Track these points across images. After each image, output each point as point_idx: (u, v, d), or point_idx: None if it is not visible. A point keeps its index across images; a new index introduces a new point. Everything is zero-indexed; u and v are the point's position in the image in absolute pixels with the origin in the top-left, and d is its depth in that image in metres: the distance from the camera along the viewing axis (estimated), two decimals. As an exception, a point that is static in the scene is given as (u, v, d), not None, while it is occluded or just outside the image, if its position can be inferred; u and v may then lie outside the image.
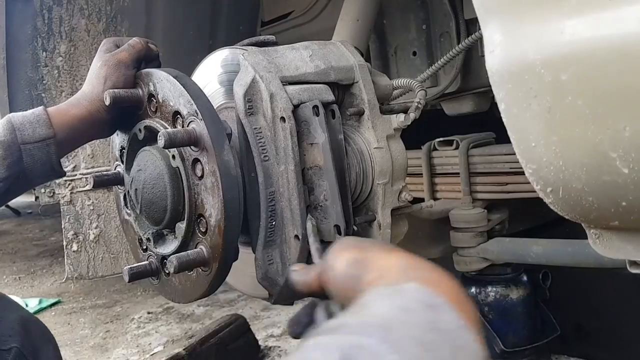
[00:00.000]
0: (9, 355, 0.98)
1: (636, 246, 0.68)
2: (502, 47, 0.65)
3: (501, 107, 0.68)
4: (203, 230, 0.96)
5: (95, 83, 1.03)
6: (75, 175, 1.81)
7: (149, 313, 3.01)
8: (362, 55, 1.42)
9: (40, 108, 1.02)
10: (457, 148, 1.69)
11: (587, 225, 0.74)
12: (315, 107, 0.98)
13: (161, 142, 0.89)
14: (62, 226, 1.83)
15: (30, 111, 1.02)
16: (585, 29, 0.59)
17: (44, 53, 1.75)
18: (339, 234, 0.96)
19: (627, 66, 0.56)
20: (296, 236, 0.97)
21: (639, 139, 0.58)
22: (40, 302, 3.32)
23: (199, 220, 0.96)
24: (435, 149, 1.77)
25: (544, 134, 0.65)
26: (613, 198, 0.64)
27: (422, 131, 1.50)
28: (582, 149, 0.63)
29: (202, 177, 0.93)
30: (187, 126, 0.94)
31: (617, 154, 0.60)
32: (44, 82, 1.77)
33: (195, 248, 0.97)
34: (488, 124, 1.68)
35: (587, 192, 0.65)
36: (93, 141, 1.44)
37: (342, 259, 0.64)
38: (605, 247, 0.72)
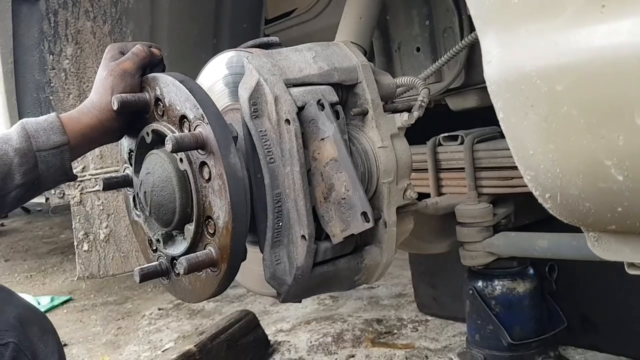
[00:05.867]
0: (6, 350, 0.98)
1: (633, 249, 0.70)
2: (499, 58, 0.66)
3: (499, 115, 0.69)
4: (211, 232, 0.97)
5: (102, 93, 1.05)
6: (85, 176, 1.83)
7: (159, 309, 3.04)
8: (365, 54, 1.43)
9: (53, 115, 1.04)
10: (462, 143, 1.70)
11: (585, 228, 0.75)
12: (319, 102, 0.99)
13: (169, 146, 0.91)
14: (73, 226, 1.86)
15: (43, 117, 1.04)
16: (578, 41, 0.60)
17: (51, 56, 1.77)
18: (367, 221, 0.95)
19: (619, 77, 0.58)
20: (303, 236, 0.98)
21: (632, 147, 0.60)
22: (52, 299, 3.37)
23: (207, 221, 0.98)
24: (440, 144, 1.77)
25: (541, 142, 0.66)
26: (609, 204, 0.66)
27: (427, 126, 1.51)
28: (578, 157, 0.64)
29: (209, 179, 0.95)
30: (194, 130, 0.95)
31: (611, 162, 0.61)
32: (51, 84, 1.79)
33: (204, 249, 0.99)
34: (492, 118, 1.69)
35: (583, 198, 0.67)
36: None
37: None
38: (604, 250, 0.74)
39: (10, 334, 0.98)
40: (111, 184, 1.14)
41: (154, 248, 1.11)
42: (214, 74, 1.16)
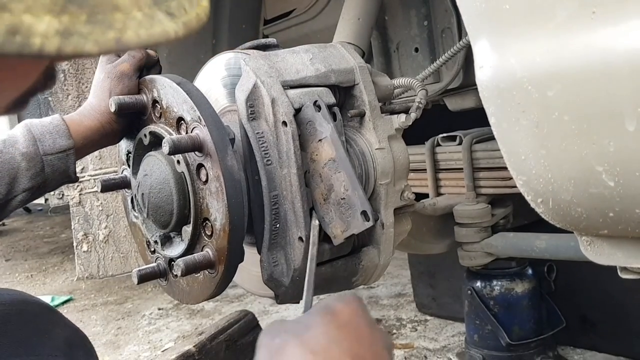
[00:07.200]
0: None
1: (625, 253, 0.70)
2: (491, 64, 0.67)
3: (491, 120, 0.69)
4: (209, 234, 0.98)
5: (101, 95, 1.06)
6: (84, 177, 1.83)
7: (159, 309, 3.05)
8: (363, 54, 1.43)
9: (58, 117, 1.04)
10: (460, 143, 1.70)
11: (577, 233, 0.75)
12: (316, 103, 0.99)
13: (166, 148, 0.91)
14: (72, 227, 1.86)
15: (47, 120, 1.04)
16: (569, 47, 0.60)
17: (50, 57, 1.77)
18: (367, 220, 0.94)
19: (610, 83, 0.58)
20: (300, 238, 0.99)
21: (623, 153, 0.60)
22: (52, 299, 3.37)
23: (204, 223, 0.98)
24: (438, 145, 1.77)
25: (533, 148, 0.66)
26: (601, 209, 0.66)
27: (426, 127, 1.51)
28: (569, 163, 0.65)
29: (206, 181, 0.95)
30: (191, 132, 0.96)
31: (602, 168, 0.61)
32: (50, 85, 1.79)
33: (202, 251, 0.99)
34: (491, 119, 1.68)
35: (575, 203, 0.67)
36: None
37: (260, 352, 0.61)
38: (597, 254, 0.74)
39: (60, 358, 0.98)
40: (109, 186, 1.14)
41: (152, 249, 1.11)
42: (213, 75, 1.16)
